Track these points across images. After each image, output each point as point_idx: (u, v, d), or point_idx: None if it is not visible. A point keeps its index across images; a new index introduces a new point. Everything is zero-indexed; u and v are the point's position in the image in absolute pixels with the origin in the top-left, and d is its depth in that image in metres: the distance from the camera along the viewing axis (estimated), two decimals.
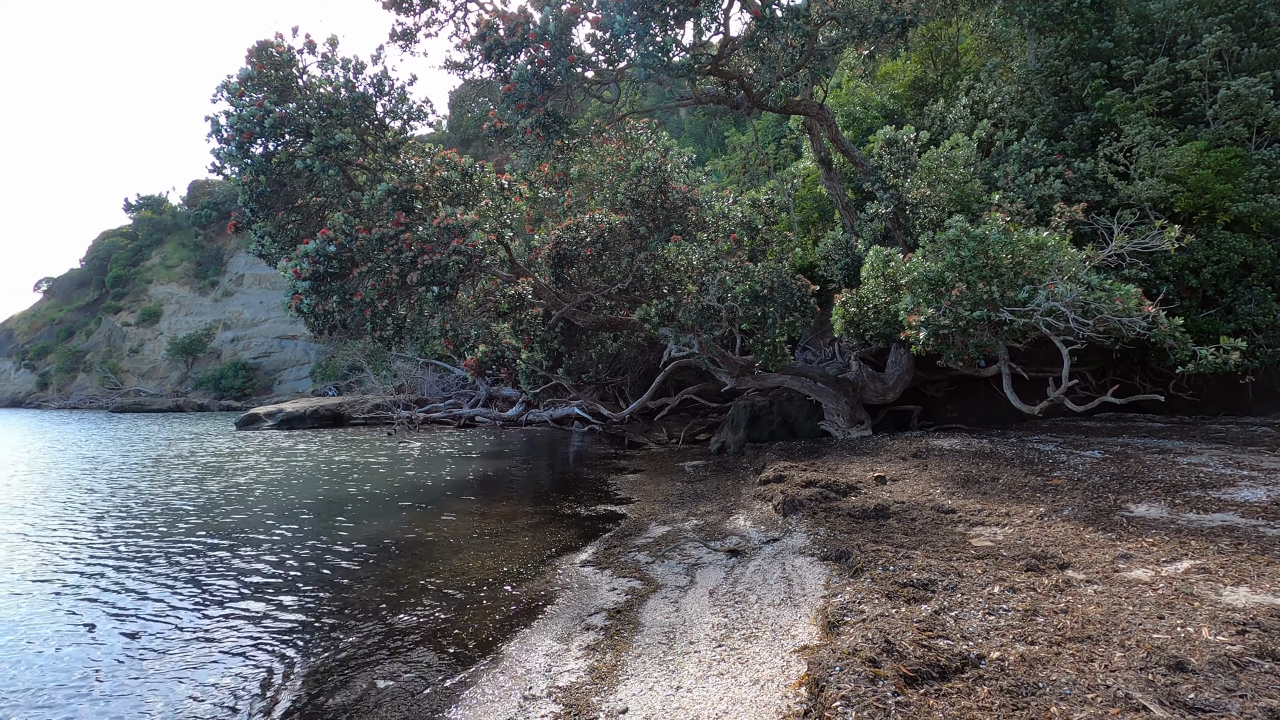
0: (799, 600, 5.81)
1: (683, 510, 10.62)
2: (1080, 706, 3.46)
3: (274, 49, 11.72)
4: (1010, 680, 3.72)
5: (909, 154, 15.77)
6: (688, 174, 14.94)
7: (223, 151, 11.74)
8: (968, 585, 5.29)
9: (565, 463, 18.68)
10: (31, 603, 7.16)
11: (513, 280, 13.26)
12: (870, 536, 7.18)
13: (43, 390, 70.40)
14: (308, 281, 10.68)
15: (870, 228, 15.74)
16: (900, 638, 4.17)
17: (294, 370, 63.25)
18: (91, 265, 78.38)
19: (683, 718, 4.14)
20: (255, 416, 33.00)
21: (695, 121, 43.69)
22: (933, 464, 11.14)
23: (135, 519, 11.34)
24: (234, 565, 8.48)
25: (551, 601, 6.73)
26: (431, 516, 11.07)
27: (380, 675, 5.24)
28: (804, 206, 21.09)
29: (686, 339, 12.44)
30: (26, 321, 77.64)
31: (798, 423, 16.90)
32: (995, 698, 3.56)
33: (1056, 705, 3.48)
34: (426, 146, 13.14)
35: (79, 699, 5.03)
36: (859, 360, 16.14)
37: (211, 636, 6.16)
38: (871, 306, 12.84)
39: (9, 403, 70.85)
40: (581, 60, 10.43)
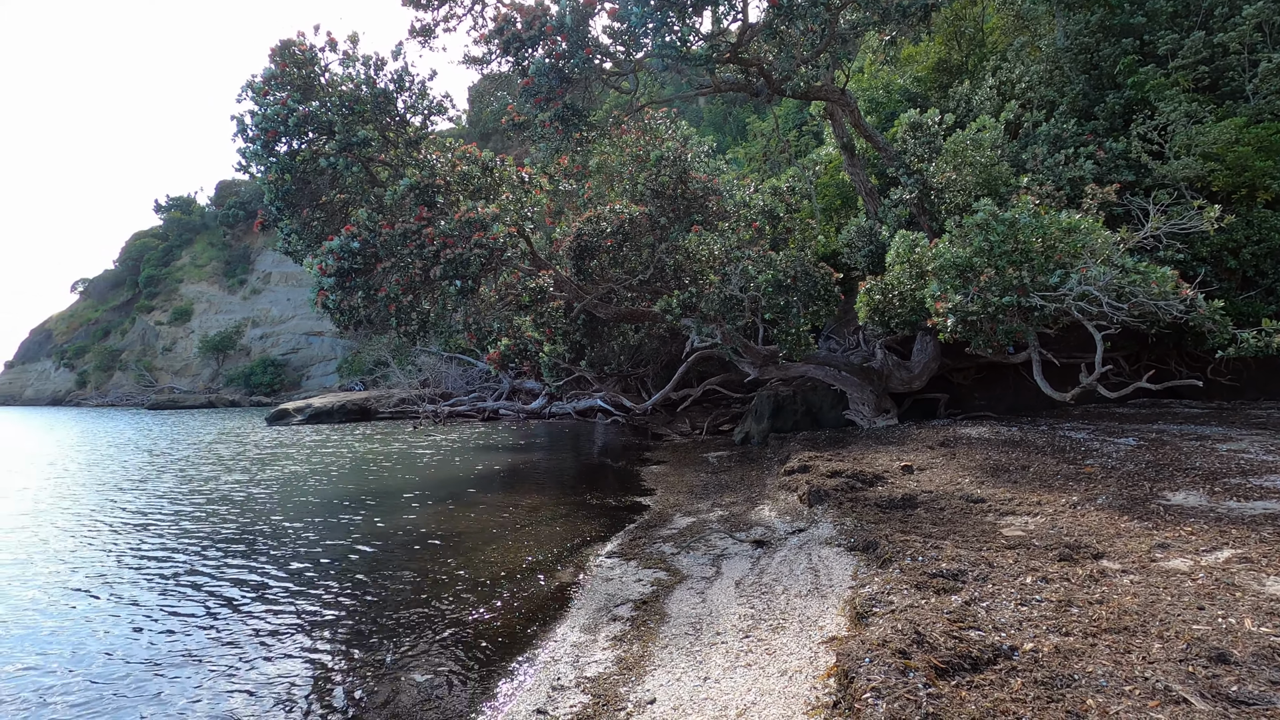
0: (826, 591, 5.77)
1: (707, 501, 10.61)
2: (1117, 699, 3.39)
3: (296, 48, 11.84)
4: (1044, 672, 3.66)
5: (933, 138, 15.48)
6: (708, 163, 14.84)
7: (248, 151, 11.91)
8: (999, 576, 5.21)
9: (589, 454, 18.77)
10: (82, 596, 7.39)
11: (534, 273, 13.31)
12: (898, 526, 7.10)
13: (81, 388, 72.46)
14: (333, 278, 10.81)
15: (895, 214, 15.49)
16: (930, 629, 4.12)
17: (321, 366, 64.29)
18: (125, 266, 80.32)
19: (711, 709, 4.14)
20: (285, 412, 33.63)
21: (714, 110, 43.34)
22: (961, 453, 10.98)
23: (179, 512, 11.64)
24: (270, 556, 8.66)
25: (578, 593, 6.77)
26: (459, 509, 11.19)
27: (413, 665, 5.32)
28: (826, 193, 20.82)
29: (709, 329, 12.38)
30: (65, 322, 79.87)
31: (822, 412, 16.77)
32: (1029, 689, 3.51)
33: (1093, 697, 3.41)
34: (447, 141, 13.20)
35: (117, 691, 5.17)
36: (884, 348, 15.93)
37: (248, 626, 6.30)
38: (897, 294, 12.65)
39: (50, 401, 73.08)
40: (599, 52, 10.38)
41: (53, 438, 29.47)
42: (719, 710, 4.10)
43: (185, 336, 70.25)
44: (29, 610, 6.89)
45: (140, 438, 27.91)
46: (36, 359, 78.88)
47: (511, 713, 4.50)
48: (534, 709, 4.52)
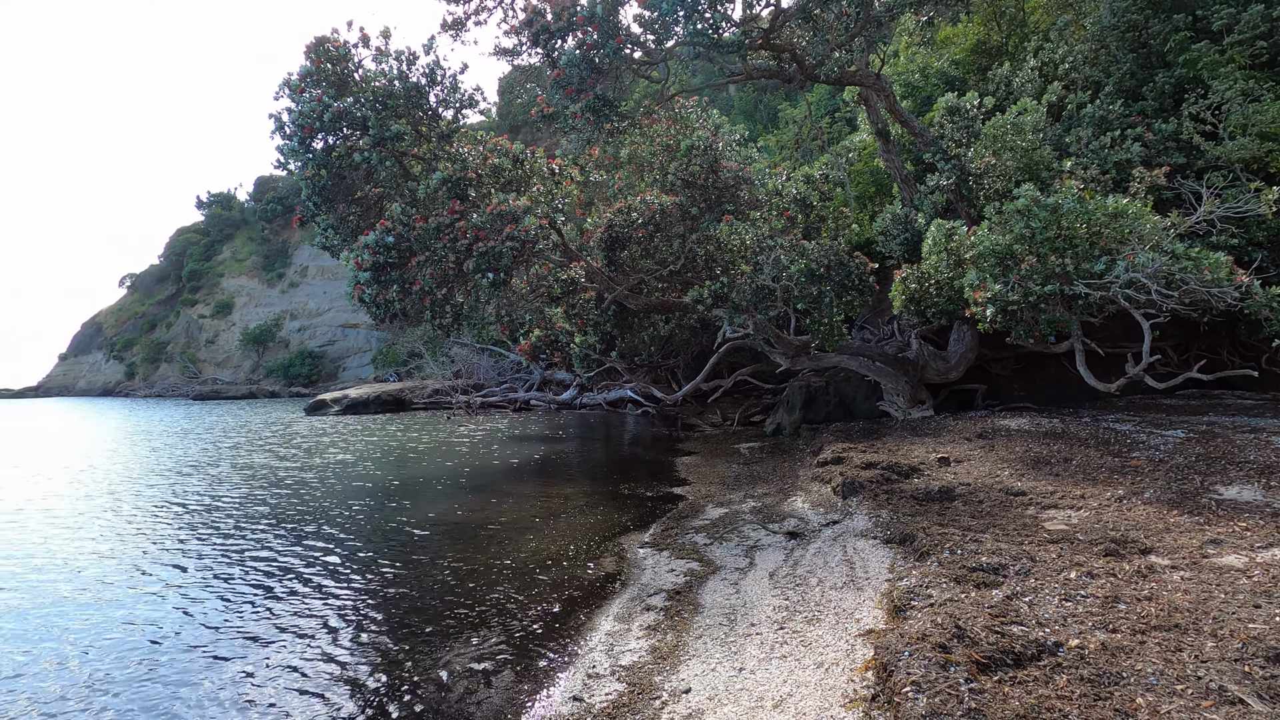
0: (862, 584, 5.71)
1: (739, 492, 10.57)
2: (1169, 698, 3.29)
3: (331, 44, 12.01)
4: (1091, 669, 3.57)
5: (972, 122, 15.08)
6: (739, 152, 14.67)
7: (286, 147, 12.14)
8: (1041, 570, 5.09)
9: (620, 445, 18.84)
10: (152, 574, 7.69)
11: (565, 264, 13.35)
12: (935, 519, 6.99)
13: (130, 379, 75.12)
14: (369, 272, 10.99)
15: (931, 201, 15.16)
16: (971, 623, 4.05)
17: (357, 357, 65.57)
18: (169, 261, 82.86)
19: (746, 699, 4.13)
20: (322, 403, 34.41)
21: (745, 98, 42.84)
22: (1000, 444, 10.75)
23: (239, 496, 12.03)
24: (313, 544, 8.89)
25: (611, 582, 6.81)
26: (492, 498, 11.34)
27: (451, 650, 5.42)
28: (860, 181, 20.46)
29: (740, 320, 12.29)
30: (114, 315, 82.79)
31: (855, 403, 16.55)
32: (1075, 686, 3.43)
33: (1143, 696, 3.32)
34: (479, 134, 13.29)
35: (174, 671, 5.37)
36: (919, 338, 15.64)
37: (292, 611, 6.49)
38: (933, 282, 12.39)
39: (101, 391, 75.94)
40: (629, 41, 10.32)
41: (111, 426, 30.68)
42: (755, 701, 4.09)
43: (227, 329, 72.26)
44: (102, 586, 7.19)
45: (193, 426, 28.94)
46: (88, 351, 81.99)
47: (548, 699, 4.56)
48: (570, 695, 4.57)
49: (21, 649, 5.79)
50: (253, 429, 26.91)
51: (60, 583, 7.57)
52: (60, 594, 7.17)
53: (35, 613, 6.65)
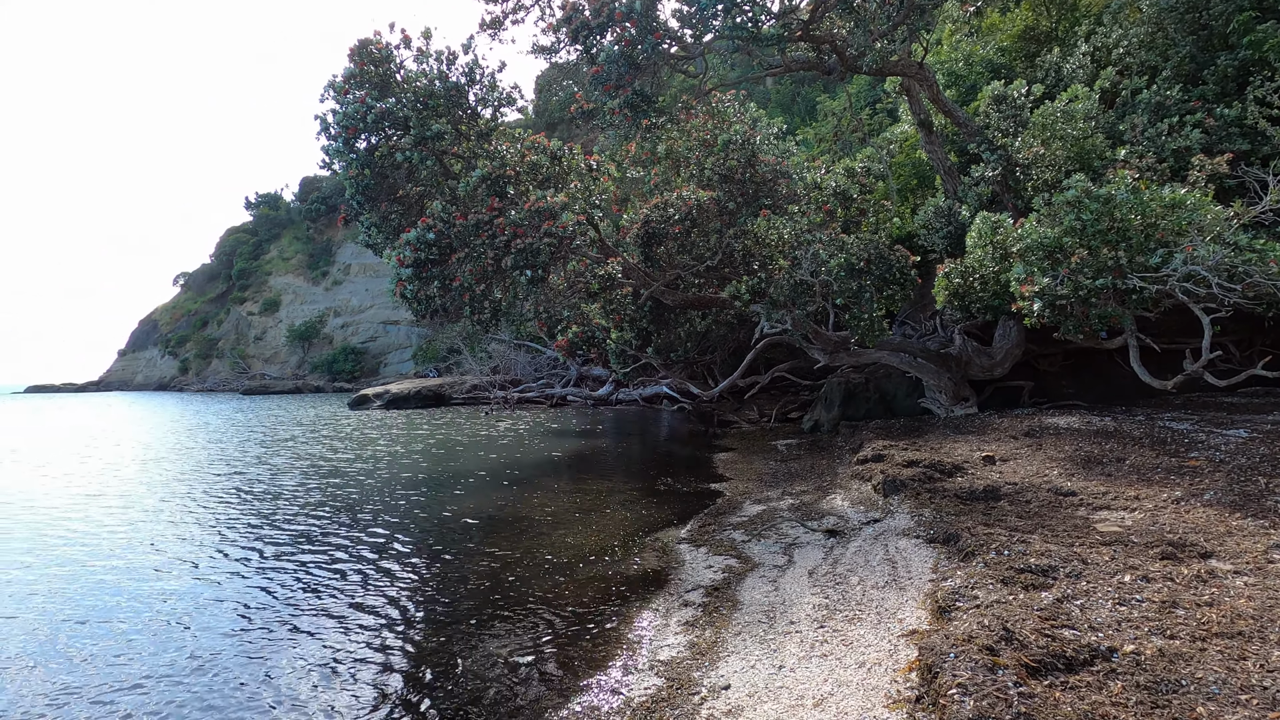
0: (904, 583, 5.62)
1: (777, 489, 10.49)
2: (1232, 708, 3.16)
3: (373, 46, 12.26)
4: (1148, 675, 3.45)
5: (1019, 110, 14.63)
6: (777, 145, 14.51)
7: (331, 148, 12.45)
8: (1093, 573, 4.94)
9: (656, 441, 18.86)
10: (212, 559, 8.01)
11: (602, 261, 13.40)
12: (980, 519, 6.83)
13: (184, 375, 78.04)
14: (410, 269, 11.21)
15: (975, 192, 14.77)
16: (1020, 626, 3.95)
17: (398, 353, 66.94)
18: (219, 260, 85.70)
19: (786, 697, 4.11)
20: (365, 397, 35.23)
21: (782, 90, 42.34)
22: (1047, 443, 10.44)
23: (285, 489, 12.44)
24: (362, 534, 9.13)
25: (649, 578, 6.83)
26: (530, 492, 11.48)
27: (489, 645, 5.51)
28: (901, 173, 20.04)
29: (778, 315, 12.17)
30: (168, 313, 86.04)
31: (896, 400, 16.26)
32: (1131, 693, 3.32)
33: (1204, 705, 3.20)
34: (516, 132, 13.42)
35: (217, 656, 5.58)
36: (963, 334, 15.28)
37: (336, 602, 6.67)
38: (978, 277, 12.08)
39: (156, 386, 79.05)
40: (668, 37, 10.29)
41: (170, 419, 32.01)
42: (795, 699, 4.06)
43: (274, 326, 74.49)
44: (159, 570, 7.52)
45: (248, 420, 30.07)
46: (145, 347, 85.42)
47: (589, 691, 4.60)
48: (610, 689, 4.60)
49: (108, 621, 6.08)
50: (303, 423, 27.77)
51: (141, 562, 7.94)
52: (145, 571, 7.51)
53: (123, 590, 6.98)
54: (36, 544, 9.07)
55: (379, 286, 68.35)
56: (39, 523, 10.35)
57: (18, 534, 9.71)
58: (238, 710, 4.61)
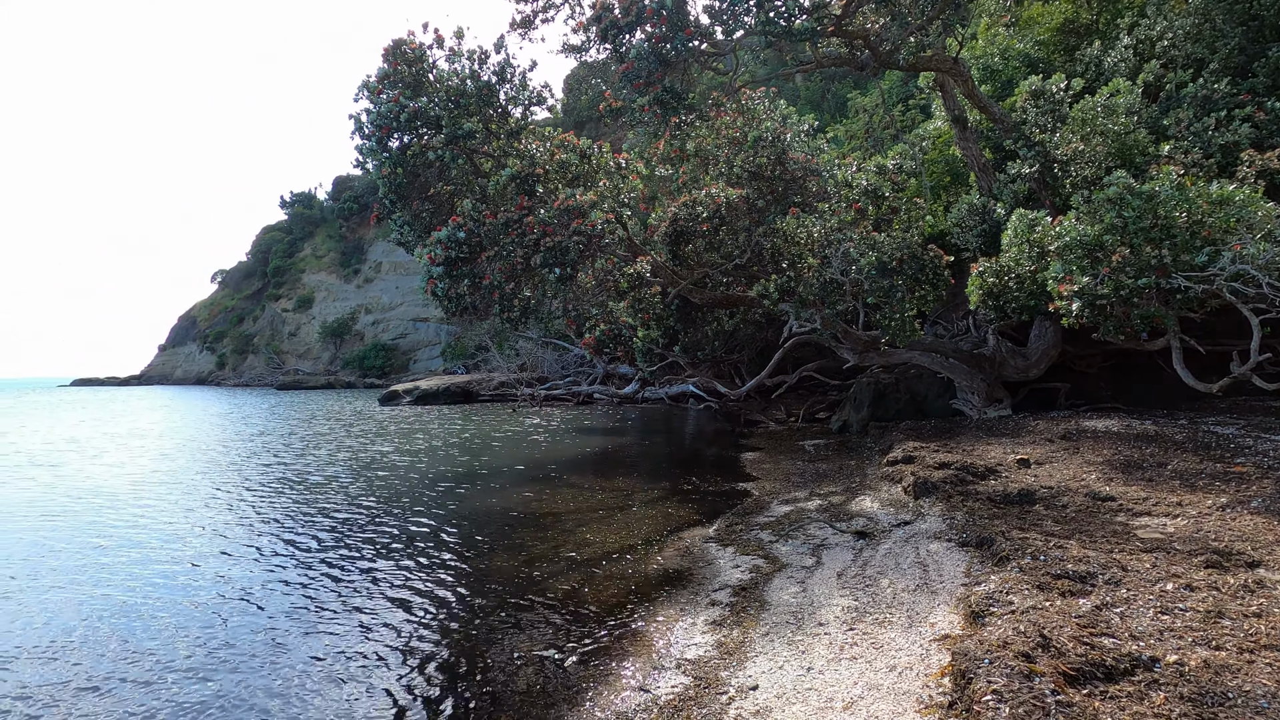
0: (936, 587, 5.53)
1: (805, 490, 10.40)
2: None
3: (407, 46, 12.41)
4: (1192, 687, 3.35)
5: (1058, 105, 14.28)
6: (807, 143, 14.35)
7: (365, 147, 12.65)
8: (1134, 580, 4.80)
9: (682, 439, 18.83)
10: (255, 545, 8.23)
11: (630, 259, 13.40)
12: (1015, 523, 6.69)
13: (221, 369, 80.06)
14: (441, 267, 11.33)
15: (1011, 190, 14.45)
16: (1057, 633, 3.86)
17: (427, 350, 67.82)
18: (255, 258, 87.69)
19: (815, 699, 4.07)
20: (395, 393, 35.77)
21: (812, 87, 41.90)
22: (1085, 447, 10.19)
23: (314, 482, 12.73)
24: (389, 528, 9.27)
25: (675, 576, 6.82)
26: (556, 489, 11.54)
27: (518, 635, 5.55)
28: (934, 170, 19.70)
29: (807, 314, 12.05)
30: (206, 309, 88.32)
31: (927, 401, 16.00)
32: (1174, 705, 3.22)
33: (1253, 719, 3.09)
34: (545, 131, 13.48)
35: (234, 657, 5.71)
36: (997, 334, 14.97)
37: (368, 593, 6.78)
38: (1013, 276, 11.82)
39: (195, 380, 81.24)
40: (698, 34, 10.24)
41: (213, 412, 32.97)
42: (824, 701, 4.02)
43: (307, 322, 76.01)
44: (200, 555, 7.74)
45: (286, 414, 31.06)
46: (184, 343, 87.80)
47: (615, 689, 4.61)
48: (637, 687, 4.61)
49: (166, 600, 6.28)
50: (338, 418, 28.39)
51: (190, 547, 8.19)
52: (193, 555, 7.74)
53: (170, 573, 7.20)
54: (101, 529, 9.43)
55: (409, 284, 69.34)
56: (101, 508, 10.88)
57: (84, 517, 10.25)
58: (269, 694, 4.72)
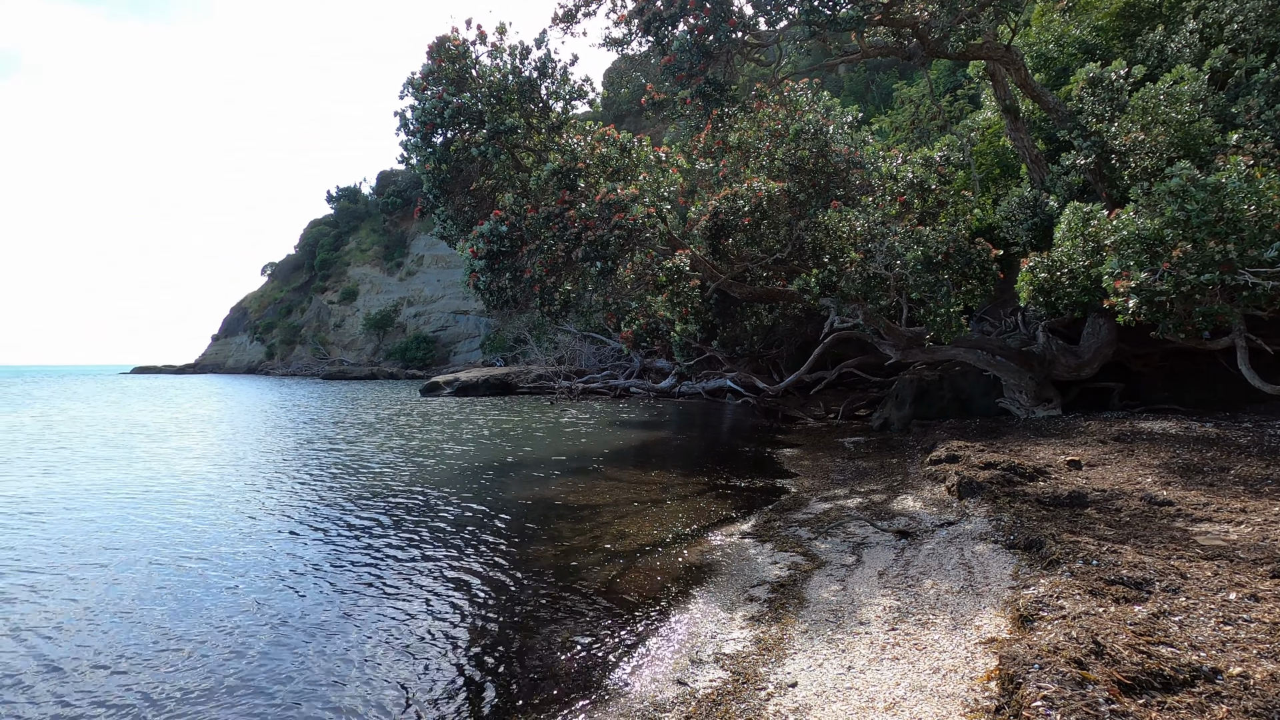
0: (981, 589, 5.40)
1: (844, 488, 10.26)
2: None
3: (450, 43, 12.56)
4: (1258, 701, 3.20)
5: (1117, 94, 13.71)
6: (851, 135, 14.08)
7: (409, 143, 12.85)
8: (1194, 588, 4.61)
9: (719, 435, 18.75)
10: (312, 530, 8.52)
11: (669, 253, 13.36)
12: (1065, 526, 6.49)
13: (270, 359, 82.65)
14: (483, 260, 11.47)
15: (1065, 182, 13.96)
16: (1112, 640, 3.73)
17: (467, 342, 68.89)
18: (303, 251, 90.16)
19: (856, 699, 4.02)
20: (436, 385, 36.43)
21: (855, 78, 41.12)
22: (1140, 449, 9.82)
23: (362, 470, 13.13)
24: (434, 515, 9.47)
25: (712, 571, 6.81)
26: (593, 481, 11.62)
27: (557, 628, 5.62)
28: (983, 162, 19.14)
29: (849, 309, 11.85)
30: (256, 301, 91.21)
31: (972, 399, 15.63)
32: (1237, 718, 3.09)
33: None
34: (587, 125, 13.51)
35: (271, 640, 5.89)
36: (1047, 331, 14.51)
37: (416, 576, 6.94)
38: (1066, 271, 11.43)
39: (245, 369, 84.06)
40: (741, 25, 10.12)
41: (268, 401, 34.14)
42: (865, 701, 3.97)
43: (352, 314, 77.91)
44: (257, 542, 8.03)
45: (337, 403, 32.22)
46: (235, 333, 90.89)
47: (652, 680, 4.63)
48: (673, 679, 4.62)
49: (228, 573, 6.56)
50: (384, 408, 29.15)
51: (264, 524, 8.58)
52: (247, 535, 8.07)
53: (251, 549, 7.52)
54: (178, 509, 9.95)
55: (450, 277, 70.47)
56: (176, 488, 11.61)
57: (162, 496, 10.84)
58: (310, 675, 4.87)
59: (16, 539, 8.49)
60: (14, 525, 9.17)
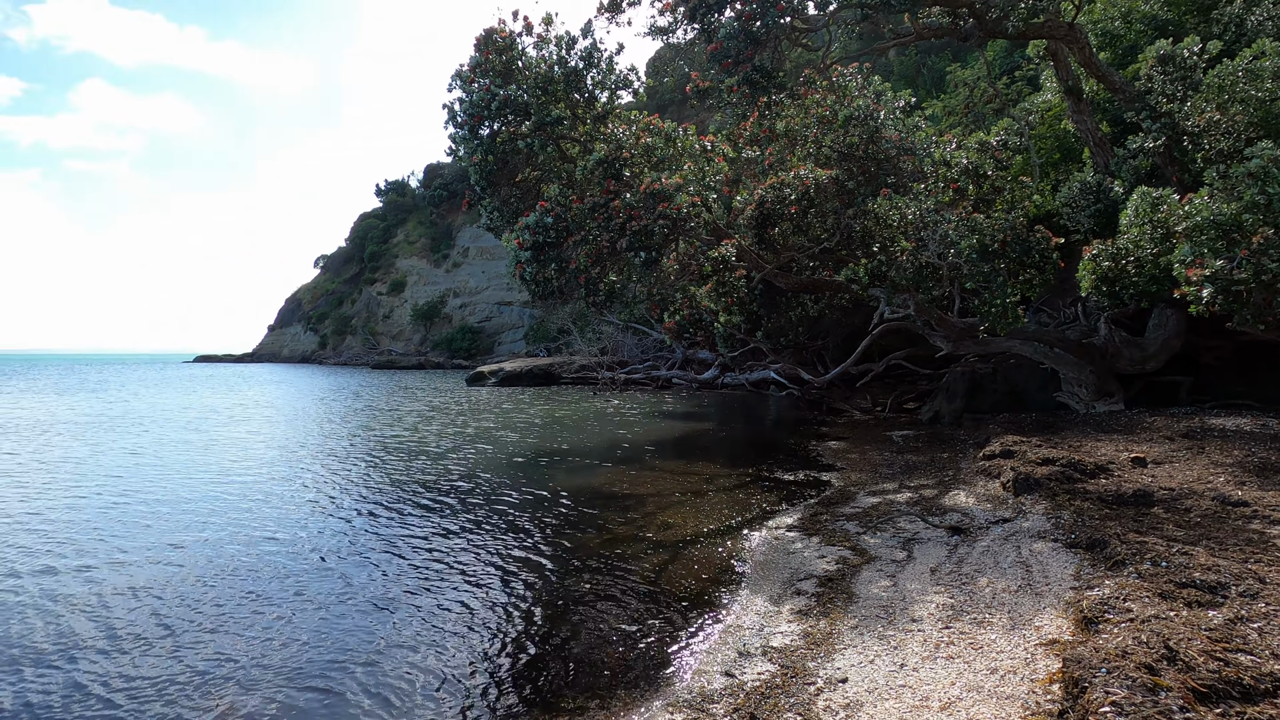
0: (1040, 589, 5.22)
1: (893, 482, 10.05)
2: None
3: (497, 35, 12.66)
4: None
5: (1190, 71, 12.98)
6: (902, 120, 13.68)
7: (457, 135, 13.04)
8: (1274, 594, 4.36)
9: (762, 426, 18.59)
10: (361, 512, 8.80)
11: (713, 243, 13.25)
12: (1130, 526, 6.22)
13: (322, 349, 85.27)
14: (529, 251, 11.58)
15: (1131, 165, 13.31)
16: (1185, 645, 3.56)
17: (511, 333, 69.80)
18: (353, 244, 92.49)
19: (910, 697, 3.94)
20: (481, 375, 37.05)
21: (905, 62, 39.96)
22: (1211, 447, 9.35)
23: (425, 454, 13.73)
24: (482, 502, 9.66)
25: (757, 563, 6.75)
26: (636, 472, 11.65)
27: (603, 623, 5.65)
28: (1043, 147, 18.39)
29: (900, 300, 11.56)
30: (309, 292, 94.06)
31: (1027, 393, 15.11)
32: None
33: None
34: (632, 114, 13.47)
35: (312, 628, 6.06)
36: (1109, 322, 13.90)
37: (447, 572, 7.08)
38: (1133, 259, 10.90)
39: (300, 358, 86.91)
40: (790, 9, 9.92)
41: (323, 389, 35.37)
42: (919, 700, 3.89)
43: (400, 305, 79.71)
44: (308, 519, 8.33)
45: (390, 391, 33.38)
46: (290, 324, 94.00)
47: (700, 671, 4.62)
48: (721, 671, 4.60)
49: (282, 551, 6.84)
50: (433, 396, 29.93)
51: (344, 504, 9.29)
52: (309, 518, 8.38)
53: (327, 525, 7.86)
54: (258, 488, 10.49)
55: (494, 269, 71.42)
56: (252, 468, 12.46)
57: (243, 475, 11.59)
58: (356, 657, 5.01)
59: (126, 514, 9.16)
60: (117, 503, 9.84)
